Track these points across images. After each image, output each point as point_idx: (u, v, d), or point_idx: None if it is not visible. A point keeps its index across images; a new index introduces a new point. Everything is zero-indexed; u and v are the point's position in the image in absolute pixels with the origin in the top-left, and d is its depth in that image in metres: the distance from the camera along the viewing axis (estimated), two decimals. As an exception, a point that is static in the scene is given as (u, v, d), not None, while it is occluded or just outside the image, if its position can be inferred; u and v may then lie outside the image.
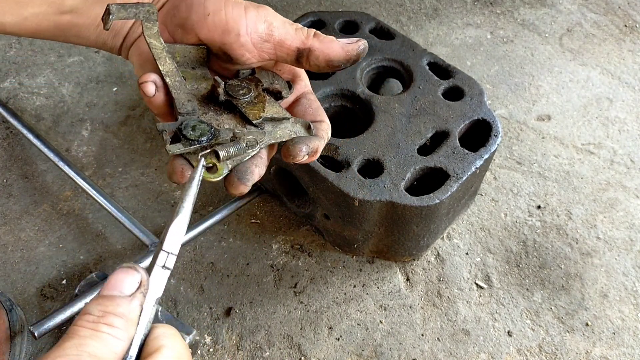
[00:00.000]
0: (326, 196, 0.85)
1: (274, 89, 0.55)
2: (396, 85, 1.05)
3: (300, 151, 0.50)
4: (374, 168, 0.84)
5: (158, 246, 0.39)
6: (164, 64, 0.50)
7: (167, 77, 0.50)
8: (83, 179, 0.98)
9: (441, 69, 0.97)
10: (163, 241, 0.39)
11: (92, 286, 0.87)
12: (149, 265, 0.39)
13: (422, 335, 0.90)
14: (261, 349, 0.88)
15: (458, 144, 0.86)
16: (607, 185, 1.09)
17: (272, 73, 0.56)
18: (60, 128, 1.15)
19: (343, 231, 0.90)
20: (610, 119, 1.20)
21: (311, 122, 0.54)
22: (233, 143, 0.47)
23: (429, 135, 0.87)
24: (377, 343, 0.89)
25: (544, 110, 1.22)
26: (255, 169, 0.49)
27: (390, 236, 0.88)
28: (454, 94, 0.93)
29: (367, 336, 0.89)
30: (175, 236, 0.39)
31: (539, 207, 1.05)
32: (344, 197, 0.81)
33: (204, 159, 0.46)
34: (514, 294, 0.94)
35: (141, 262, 0.89)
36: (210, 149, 0.46)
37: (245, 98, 0.52)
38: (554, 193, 1.08)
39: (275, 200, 1.04)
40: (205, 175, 0.47)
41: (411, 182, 0.85)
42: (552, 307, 0.93)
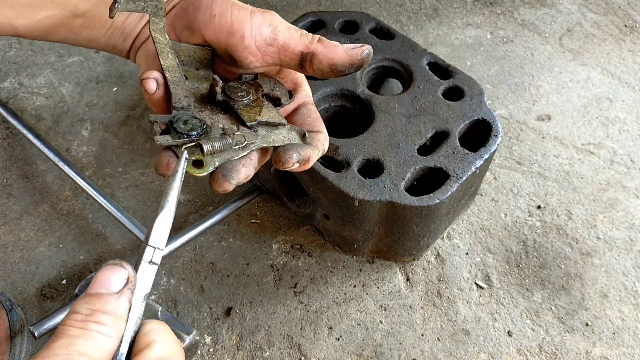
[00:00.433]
0: (326, 196, 0.85)
1: (274, 95, 0.55)
2: (396, 85, 1.05)
3: (290, 158, 0.50)
4: (374, 168, 0.84)
5: (144, 242, 0.39)
6: (166, 59, 0.50)
7: (168, 72, 0.50)
8: (83, 179, 0.98)
9: (441, 69, 0.97)
10: (149, 236, 0.39)
11: (92, 286, 0.87)
12: (136, 260, 0.38)
13: (422, 335, 0.90)
14: (261, 349, 0.88)
15: (458, 144, 0.86)
16: (607, 185, 1.09)
17: (274, 80, 0.56)
18: (60, 128, 1.15)
19: (343, 231, 0.90)
20: (610, 119, 1.20)
21: (307, 132, 0.54)
22: (219, 138, 0.47)
23: (429, 135, 0.87)
24: (377, 343, 0.89)
25: (544, 110, 1.22)
26: (242, 169, 0.49)
27: (390, 236, 0.88)
28: (454, 94, 0.93)
29: (367, 336, 0.89)
30: (160, 231, 0.39)
31: (539, 207, 1.05)
32: (344, 197, 0.81)
33: (187, 152, 0.46)
34: (514, 294, 0.94)
35: (141, 262, 0.89)
36: (195, 142, 0.46)
37: (243, 100, 0.52)
38: (554, 193, 1.08)
39: (275, 200, 1.04)
40: (191, 170, 0.46)
41: (411, 182, 0.85)
42: (552, 307, 0.93)
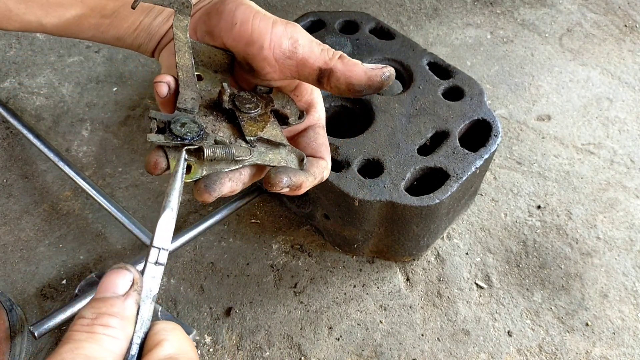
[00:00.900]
0: (326, 196, 0.85)
1: (283, 113, 0.54)
2: (396, 85, 1.05)
3: (280, 181, 0.48)
4: (374, 168, 0.84)
5: (150, 243, 0.39)
6: (182, 58, 0.49)
7: (180, 71, 0.49)
8: (83, 179, 0.98)
9: (441, 69, 0.97)
10: (153, 238, 0.39)
11: (92, 286, 0.87)
12: (143, 264, 0.39)
13: (422, 335, 0.90)
14: (261, 349, 0.88)
15: (458, 144, 0.86)
16: (607, 185, 1.09)
17: (288, 97, 0.55)
18: (60, 128, 1.15)
19: (343, 231, 0.90)
20: (610, 119, 1.20)
21: (308, 156, 0.52)
22: (222, 146, 0.46)
23: (429, 135, 0.87)
24: (377, 343, 0.89)
25: (544, 110, 1.22)
26: (227, 182, 0.48)
27: (390, 236, 0.88)
28: (454, 94, 0.93)
29: (367, 336, 0.89)
30: (164, 231, 0.39)
31: (539, 207, 1.05)
32: (344, 197, 0.81)
33: (186, 154, 0.46)
34: (514, 294, 0.94)
35: (141, 262, 0.89)
36: (197, 146, 0.46)
37: (250, 113, 0.51)
38: (554, 193, 1.08)
39: (275, 200, 1.04)
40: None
41: (411, 182, 0.85)
42: (552, 307, 0.93)
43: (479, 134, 0.89)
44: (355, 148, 0.85)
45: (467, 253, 0.99)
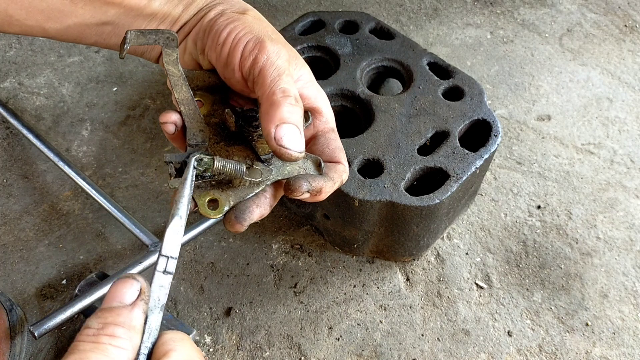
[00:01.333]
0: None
1: None
2: (396, 85, 1.05)
3: (300, 187, 0.48)
4: (374, 168, 0.84)
5: (159, 252, 0.39)
6: (180, 92, 0.50)
7: (182, 105, 0.50)
8: (83, 179, 0.98)
9: (441, 69, 0.97)
10: (161, 246, 0.39)
11: (92, 286, 0.87)
12: (152, 271, 0.38)
13: (422, 335, 0.90)
14: (261, 349, 0.88)
15: (458, 144, 0.86)
16: (607, 185, 1.09)
17: None
18: (60, 128, 1.15)
19: (343, 231, 0.90)
20: (610, 119, 1.20)
21: (324, 161, 0.52)
22: (233, 162, 0.47)
23: (429, 135, 0.87)
24: (377, 343, 0.89)
25: (544, 110, 1.22)
26: (255, 209, 0.48)
27: (390, 236, 0.88)
28: (454, 94, 0.93)
29: (367, 336, 0.89)
30: (173, 240, 0.39)
31: (539, 207, 1.05)
32: (344, 197, 0.81)
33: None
34: (514, 294, 0.94)
35: (141, 262, 0.89)
36: (209, 155, 0.46)
37: (257, 129, 0.51)
38: (554, 193, 1.08)
39: (275, 200, 1.04)
40: (207, 212, 0.46)
41: (411, 182, 0.85)
42: (552, 307, 0.93)
43: (479, 134, 0.89)
44: (355, 148, 0.85)
45: (467, 253, 0.99)
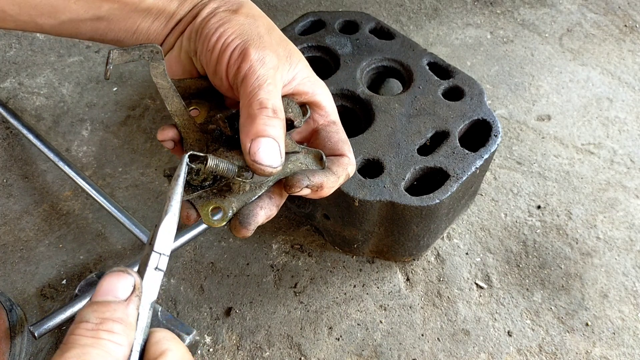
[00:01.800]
0: (326, 196, 0.85)
1: (287, 119, 0.50)
2: (396, 85, 1.05)
3: (298, 182, 0.46)
4: (374, 168, 0.84)
5: (148, 248, 0.38)
6: (172, 104, 0.49)
7: (176, 117, 0.50)
8: (83, 179, 0.98)
9: (441, 69, 0.97)
10: (153, 243, 0.38)
11: (92, 286, 0.87)
12: (140, 267, 0.38)
13: (422, 335, 0.90)
14: (261, 349, 0.88)
15: (458, 144, 0.86)
16: (607, 185, 1.09)
17: (287, 99, 0.51)
18: (60, 128, 1.15)
19: (343, 231, 0.90)
20: (610, 119, 1.20)
21: (327, 156, 0.50)
22: (227, 161, 0.46)
23: (429, 135, 0.87)
24: (377, 343, 0.89)
25: (544, 110, 1.22)
26: (260, 212, 0.47)
27: (390, 236, 0.88)
28: (454, 94, 0.93)
29: (367, 336, 0.89)
30: (165, 236, 0.39)
31: (539, 207, 1.05)
32: (344, 197, 0.81)
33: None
34: (514, 294, 0.94)
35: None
36: (203, 156, 0.45)
37: None
38: (554, 193, 1.08)
39: (275, 200, 1.04)
40: (210, 221, 0.46)
41: (411, 182, 0.85)
42: (552, 307, 0.93)
43: (479, 134, 0.89)
44: (355, 148, 0.85)
45: (467, 253, 0.99)
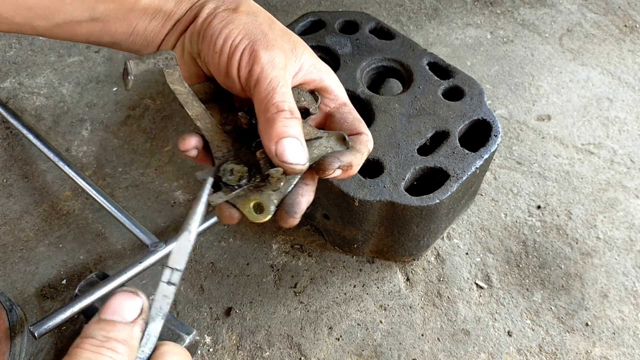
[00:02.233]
0: (326, 196, 0.85)
1: (301, 108, 0.52)
2: (396, 85, 1.05)
3: (330, 165, 0.48)
4: (374, 168, 0.84)
5: (164, 263, 0.40)
6: (192, 108, 0.50)
7: (197, 121, 0.50)
8: (83, 179, 0.98)
9: (441, 69, 0.97)
10: (168, 258, 0.40)
11: (92, 286, 0.87)
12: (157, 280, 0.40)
13: (422, 335, 0.90)
14: (261, 349, 0.88)
15: (458, 144, 0.86)
16: (607, 185, 1.09)
17: (297, 90, 0.53)
18: (60, 128, 1.15)
19: (343, 231, 0.90)
20: (610, 119, 1.20)
21: (347, 135, 0.52)
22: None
23: (429, 135, 0.87)
24: (377, 343, 0.89)
25: (544, 110, 1.22)
26: (302, 199, 0.49)
27: (390, 236, 0.88)
28: (454, 94, 0.93)
29: (367, 336, 0.89)
30: (179, 253, 0.40)
31: (539, 207, 1.05)
32: (344, 197, 0.81)
33: (242, 199, 0.47)
34: (514, 294, 0.94)
35: (141, 262, 0.89)
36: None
37: None
38: (554, 193, 1.08)
39: (275, 200, 1.04)
40: (254, 217, 0.47)
41: (411, 182, 0.85)
42: (552, 307, 0.93)
43: (479, 134, 0.89)
44: (355, 148, 0.85)
45: (467, 253, 0.99)
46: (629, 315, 0.92)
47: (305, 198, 0.49)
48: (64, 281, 0.94)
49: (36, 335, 0.79)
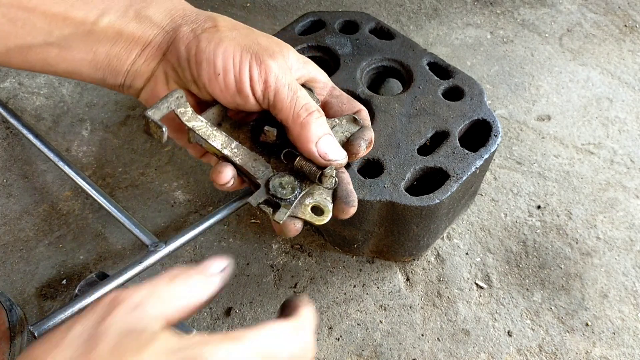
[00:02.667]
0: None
1: None
2: (396, 85, 1.05)
3: (359, 146, 0.52)
4: (374, 168, 0.84)
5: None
6: (215, 139, 0.49)
7: (225, 150, 0.50)
8: (83, 179, 0.98)
9: (441, 69, 0.97)
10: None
11: (92, 286, 0.87)
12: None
13: (422, 335, 0.90)
14: (261, 349, 0.88)
15: (458, 144, 0.86)
16: (607, 185, 1.09)
17: None
18: (60, 128, 1.15)
19: (343, 231, 0.90)
20: (610, 119, 1.20)
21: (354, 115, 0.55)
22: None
23: (429, 135, 0.87)
24: (377, 343, 0.89)
25: (544, 110, 1.22)
26: (351, 187, 0.51)
27: (390, 236, 0.88)
28: (454, 94, 0.93)
29: (367, 336, 0.89)
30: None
31: (539, 207, 1.05)
32: (344, 197, 0.81)
33: (280, 188, 0.49)
34: (514, 294, 0.94)
35: (141, 262, 0.89)
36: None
37: None
38: (554, 193, 1.08)
39: (275, 200, 1.04)
40: (315, 220, 0.49)
41: (411, 182, 0.85)
42: (552, 307, 0.93)
43: (479, 134, 0.89)
44: (355, 148, 0.85)
45: (467, 253, 0.99)
46: (629, 315, 0.92)
47: (351, 185, 0.52)
48: (64, 281, 0.94)
49: (36, 335, 0.79)
